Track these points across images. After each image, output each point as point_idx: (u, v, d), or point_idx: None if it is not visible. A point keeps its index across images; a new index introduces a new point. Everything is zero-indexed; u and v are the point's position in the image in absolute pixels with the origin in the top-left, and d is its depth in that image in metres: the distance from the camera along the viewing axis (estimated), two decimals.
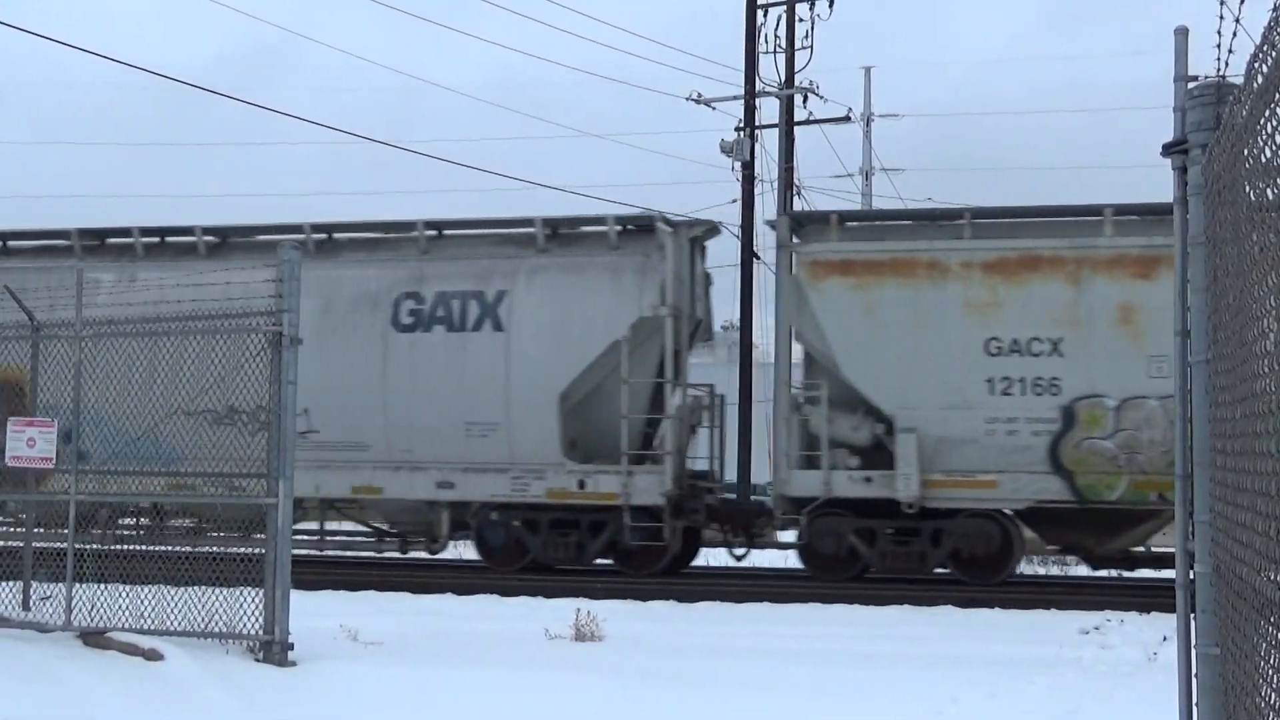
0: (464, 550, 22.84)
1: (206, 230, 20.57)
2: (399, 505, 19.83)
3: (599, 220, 19.64)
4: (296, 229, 20.26)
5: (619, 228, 19.34)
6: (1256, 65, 3.97)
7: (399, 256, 19.95)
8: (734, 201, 30.25)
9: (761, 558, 21.36)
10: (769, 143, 31.14)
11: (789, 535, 20.29)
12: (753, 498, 21.29)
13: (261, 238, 20.73)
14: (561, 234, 19.77)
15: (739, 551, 20.32)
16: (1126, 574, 19.84)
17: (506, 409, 18.95)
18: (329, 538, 20.80)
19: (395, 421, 19.32)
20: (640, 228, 19.51)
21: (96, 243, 21.27)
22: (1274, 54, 3.64)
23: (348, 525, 21.98)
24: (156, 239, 20.93)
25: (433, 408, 19.10)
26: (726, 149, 30.32)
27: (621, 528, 18.71)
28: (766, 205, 30.17)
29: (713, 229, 20.11)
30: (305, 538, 20.90)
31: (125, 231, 21.03)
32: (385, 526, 20.73)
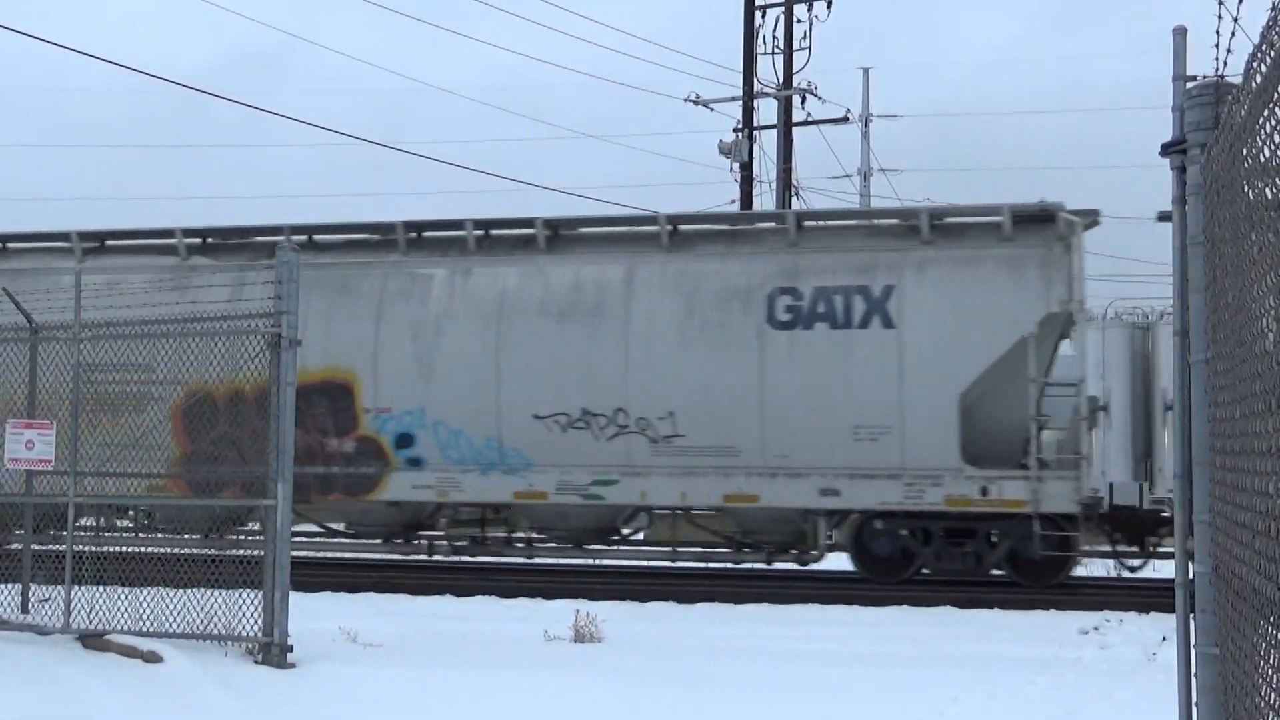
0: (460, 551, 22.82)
1: (545, 223, 19.15)
2: (770, 514, 18.44)
3: (990, 210, 18.27)
4: (648, 220, 19.13)
5: (1012, 218, 17.87)
6: (1255, 65, 3.97)
7: (766, 249, 18.54)
8: (732, 202, 30.31)
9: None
10: (767, 143, 31.24)
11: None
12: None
13: (588, 230, 19.52)
14: (944, 225, 18.50)
15: (1134, 563, 19.18)
16: (1126, 574, 19.80)
17: (900, 411, 17.58)
18: (680, 549, 19.45)
19: (772, 425, 17.92)
20: (1035, 218, 18.02)
21: (414, 235, 19.77)
22: (1272, 53, 3.64)
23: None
24: (480, 232, 19.49)
25: (815, 410, 17.74)
26: (725, 150, 30.39)
27: (1026, 537, 17.34)
28: (764, 206, 30.23)
29: (1096, 220, 18.50)
30: (653, 549, 19.92)
31: (455, 224, 19.64)
32: (738, 536, 19.24)
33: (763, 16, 30.70)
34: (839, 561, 19.63)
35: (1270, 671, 3.81)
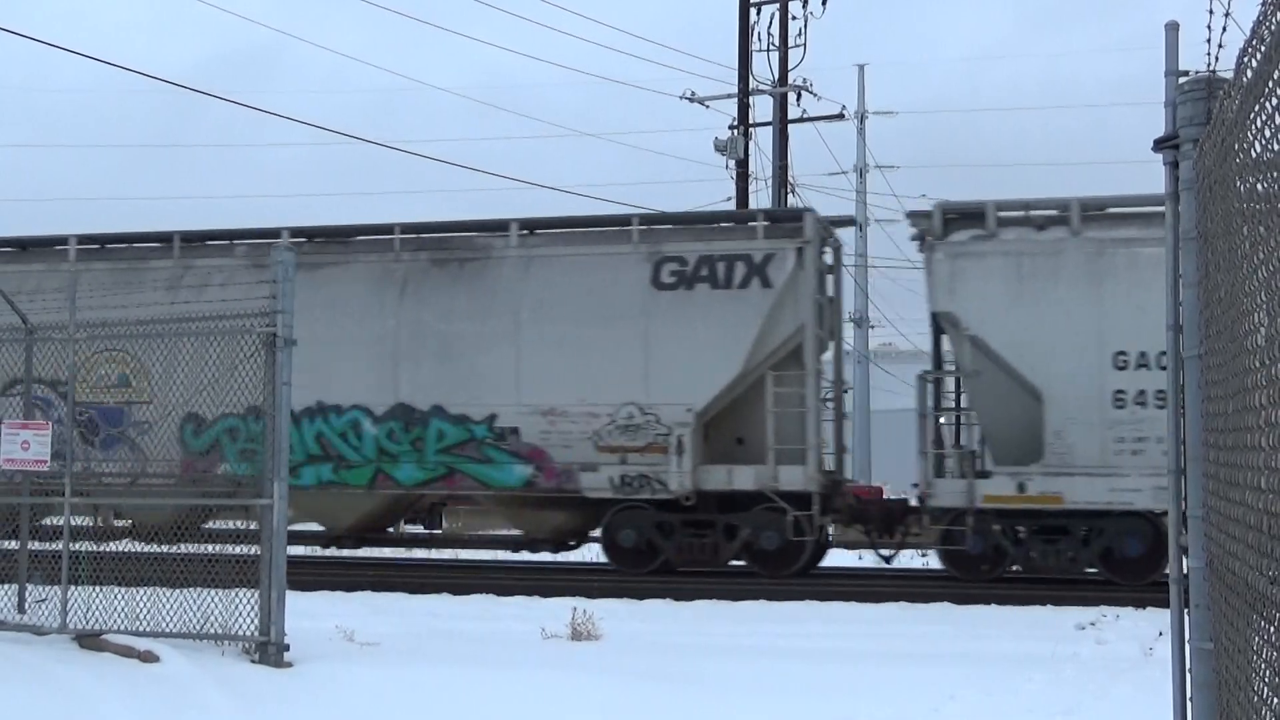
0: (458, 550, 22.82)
1: None
2: None
3: None
4: None
5: None
6: (1246, 59, 3.96)
7: None
8: (728, 200, 30.33)
9: None
10: (763, 141, 31.24)
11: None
12: None
13: None
14: None
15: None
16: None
17: None
18: None
19: None
20: None
21: None
22: (1263, 48, 3.64)
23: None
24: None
25: None
26: (720, 147, 30.39)
27: None
28: (760, 203, 30.24)
29: None
30: None
31: None
32: None
33: (758, 14, 30.72)
34: None
35: (1262, 666, 3.81)
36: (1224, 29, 4.57)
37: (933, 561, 19.68)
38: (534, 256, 19.32)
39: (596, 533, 19.66)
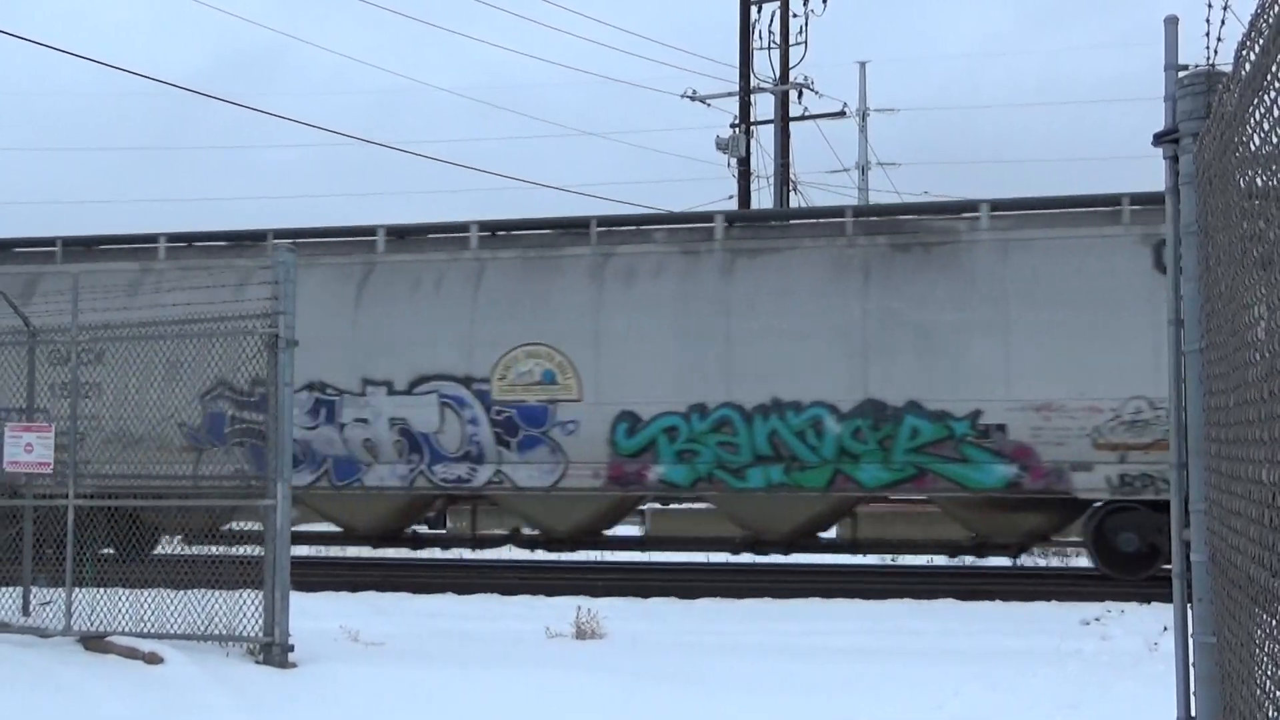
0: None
1: None
2: None
3: None
4: None
5: None
6: (1244, 53, 3.96)
7: None
8: (730, 198, 30.35)
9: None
10: (765, 139, 31.26)
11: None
12: None
13: None
14: None
15: None
16: None
17: None
18: None
19: None
20: None
21: None
22: (1261, 41, 3.63)
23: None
24: None
25: None
26: (722, 145, 30.44)
27: None
28: (763, 201, 30.27)
29: None
30: None
31: None
32: None
33: (758, 12, 30.76)
34: None
35: (1265, 659, 3.81)
36: (1223, 22, 4.57)
37: (937, 559, 19.67)
38: (1010, 240, 17.65)
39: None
